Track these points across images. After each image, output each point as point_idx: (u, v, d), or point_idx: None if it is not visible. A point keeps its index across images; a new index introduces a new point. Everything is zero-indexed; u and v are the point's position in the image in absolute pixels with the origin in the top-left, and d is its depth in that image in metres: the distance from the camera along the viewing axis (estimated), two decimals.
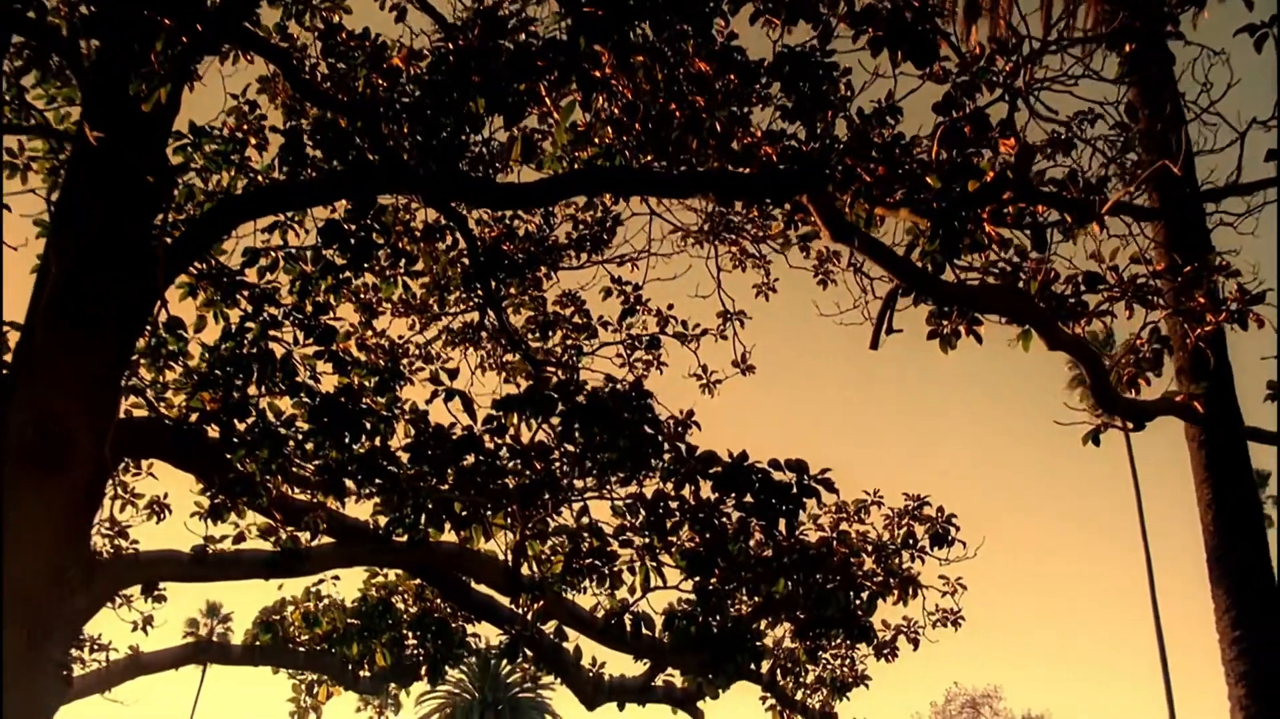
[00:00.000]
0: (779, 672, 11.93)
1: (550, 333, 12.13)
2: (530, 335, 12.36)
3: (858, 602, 9.89)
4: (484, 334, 12.70)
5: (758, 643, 9.47)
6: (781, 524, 8.00)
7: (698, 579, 8.73)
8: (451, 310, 12.72)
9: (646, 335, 12.23)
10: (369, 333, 12.01)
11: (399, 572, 11.26)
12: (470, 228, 12.00)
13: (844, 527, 11.01)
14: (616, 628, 8.97)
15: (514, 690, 75.64)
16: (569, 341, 12.34)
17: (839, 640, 11.94)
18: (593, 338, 12.34)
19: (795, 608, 9.60)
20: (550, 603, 9.03)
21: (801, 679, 12.31)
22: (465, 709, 74.18)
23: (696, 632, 9.04)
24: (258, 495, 9.60)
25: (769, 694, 12.25)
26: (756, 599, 9.45)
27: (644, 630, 9.01)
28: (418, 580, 11.28)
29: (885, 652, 12.06)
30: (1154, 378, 7.83)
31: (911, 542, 10.81)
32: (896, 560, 10.38)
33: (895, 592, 10.33)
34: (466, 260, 12.12)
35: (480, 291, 12.14)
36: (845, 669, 12.24)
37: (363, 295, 12.13)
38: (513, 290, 12.75)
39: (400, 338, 12.51)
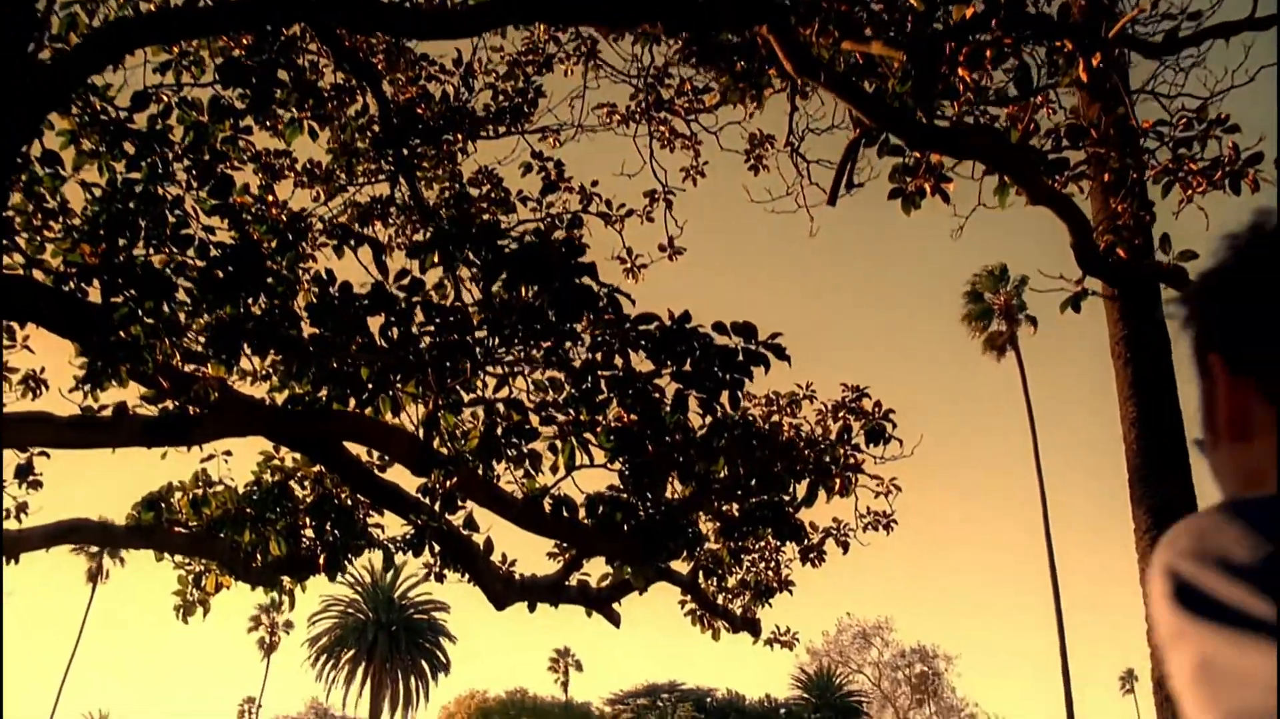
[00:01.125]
0: (701, 573, 11.26)
1: (465, 206, 11.25)
2: (444, 210, 11.49)
3: (800, 488, 9.23)
4: (394, 208, 11.82)
5: (691, 529, 8.75)
6: (724, 397, 7.27)
7: (626, 460, 7.99)
8: (359, 182, 11.83)
9: (568, 214, 11.40)
10: (270, 198, 11.08)
11: (297, 456, 10.41)
12: (383, 89, 11.11)
13: (776, 419, 10.35)
14: (535, 510, 8.24)
15: (408, 611, 75.02)
16: (485, 217, 11.48)
17: (765, 542, 11.32)
18: (510, 213, 11.49)
19: (735, 492, 8.88)
20: (464, 479, 8.22)
21: (724, 583, 11.66)
22: (358, 629, 73.46)
23: (623, 517, 8.32)
24: (142, 361, 8.70)
25: (689, 597, 11.59)
26: (691, 484, 8.72)
27: (564, 514, 8.27)
28: (318, 468, 10.44)
29: (812, 555, 11.45)
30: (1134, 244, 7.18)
31: (846, 436, 10.16)
32: (830, 457, 9.72)
33: (837, 480, 9.67)
34: (377, 127, 11.27)
35: (391, 158, 11.28)
36: (770, 573, 11.61)
37: (264, 158, 11.21)
38: (426, 164, 11.91)
39: (303, 210, 11.60)
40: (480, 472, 8.25)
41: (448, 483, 8.03)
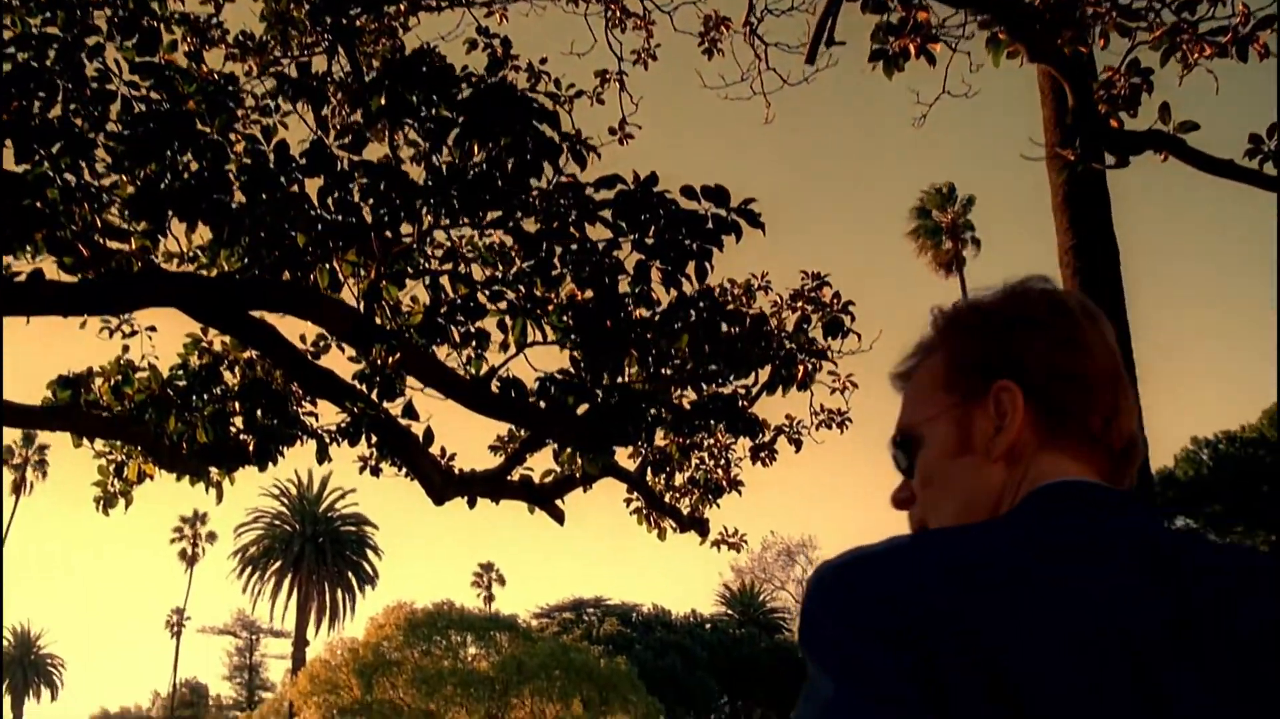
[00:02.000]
0: (649, 470, 10.82)
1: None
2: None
3: (762, 374, 8.78)
4: (331, 84, 11.16)
5: (651, 414, 8.26)
6: (691, 268, 6.78)
7: (581, 339, 7.50)
8: (295, 54, 11.15)
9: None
10: (202, 68, 10.39)
11: (226, 340, 9.82)
12: None
13: (731, 309, 9.89)
14: (483, 392, 7.74)
15: (335, 524, 74.54)
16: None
17: (715, 438, 10.90)
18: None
19: (699, 373, 8.39)
20: (408, 356, 7.70)
21: (671, 481, 11.24)
22: (285, 541, 72.94)
23: (575, 401, 7.84)
24: (59, 227, 8.09)
25: (635, 495, 11.17)
26: (650, 366, 8.23)
27: (512, 394, 7.78)
28: (249, 352, 9.87)
29: (763, 454, 11.05)
30: (1128, 118, 6.74)
31: (805, 327, 9.72)
32: (795, 342, 9.26)
33: (800, 369, 9.23)
34: None
35: (330, 27, 10.61)
36: (720, 472, 11.20)
37: (194, 21, 10.52)
38: (366, 37, 11.25)
39: (235, 76, 10.91)
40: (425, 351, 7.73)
41: (390, 359, 7.50)
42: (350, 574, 73.96)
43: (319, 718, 50.42)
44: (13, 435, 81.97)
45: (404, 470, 10.63)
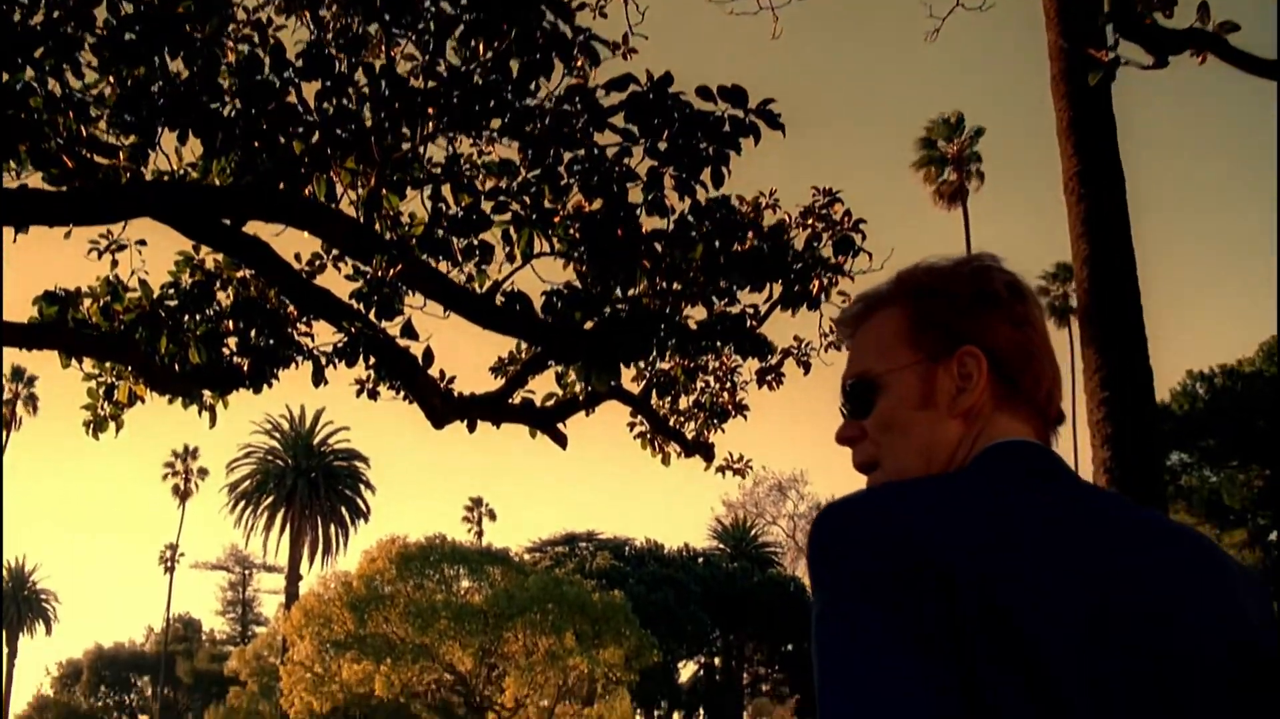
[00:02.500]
0: (654, 392, 10.56)
1: None
2: None
3: (778, 288, 8.48)
4: None
5: (665, 327, 7.95)
6: (706, 174, 6.48)
7: (589, 251, 7.21)
8: None
9: None
10: None
11: (219, 258, 9.52)
12: None
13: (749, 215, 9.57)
14: (487, 305, 7.46)
15: (328, 459, 74.39)
16: None
17: (721, 360, 10.64)
18: None
19: (715, 284, 8.08)
20: (410, 267, 7.40)
21: (676, 405, 10.99)
22: (277, 476, 72.80)
23: (583, 315, 7.56)
24: (43, 138, 7.77)
25: (639, 418, 10.91)
26: (660, 279, 7.92)
27: (517, 307, 7.49)
28: (243, 272, 9.56)
29: (770, 377, 10.80)
30: (1163, 19, 6.43)
31: (815, 244, 9.42)
32: (811, 255, 8.94)
33: (816, 283, 8.93)
34: None
35: None
36: (725, 395, 10.94)
37: None
38: None
39: None
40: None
41: (390, 271, 7.20)
42: (343, 509, 73.85)
43: (312, 651, 50.49)
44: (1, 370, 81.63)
45: (402, 394, 10.36)
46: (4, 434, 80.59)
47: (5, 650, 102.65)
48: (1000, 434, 1.62)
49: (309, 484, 72.15)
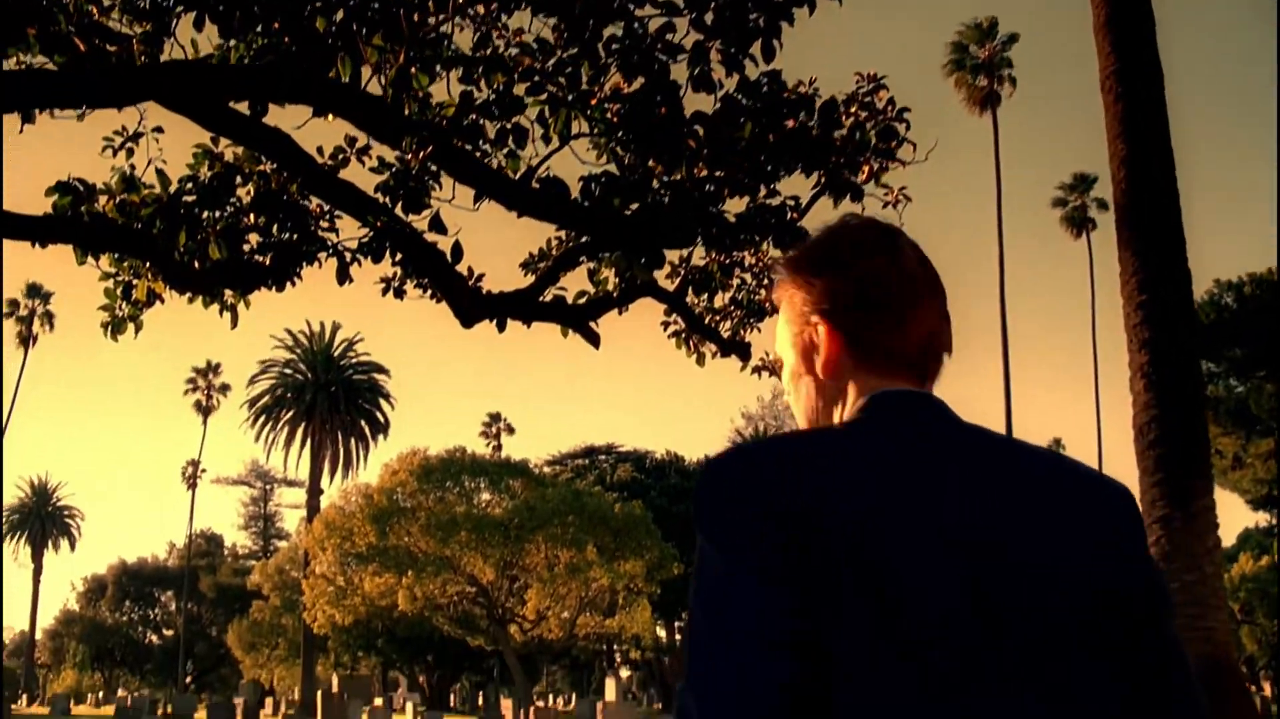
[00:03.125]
0: (690, 289, 10.20)
1: None
2: None
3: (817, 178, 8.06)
4: None
5: (712, 208, 7.56)
6: (756, 47, 6.08)
7: (632, 130, 6.81)
8: None
9: None
10: None
11: (239, 151, 9.15)
12: None
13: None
14: (523, 189, 7.09)
15: (347, 372, 74.28)
16: None
17: (759, 255, 10.27)
18: None
19: (764, 165, 7.68)
20: (439, 149, 7.02)
21: (711, 303, 10.63)
22: (297, 390, 72.73)
23: (622, 202, 7.18)
24: (52, 21, 7.40)
25: (674, 317, 10.56)
26: (698, 168, 7.53)
27: (555, 192, 7.11)
28: (265, 165, 9.19)
29: None
30: None
31: (859, 135, 9.00)
32: (861, 137, 8.51)
33: (865, 169, 8.53)
34: None
35: None
36: (762, 292, 10.58)
37: None
38: None
39: None
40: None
41: (421, 154, 6.83)
42: (363, 423, 73.74)
43: (334, 564, 50.66)
44: (17, 287, 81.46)
45: (429, 293, 10.04)
46: (23, 352, 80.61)
47: (31, 566, 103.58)
48: (866, 388, 1.75)
49: (329, 398, 72.04)
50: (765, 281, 10.61)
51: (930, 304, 1.80)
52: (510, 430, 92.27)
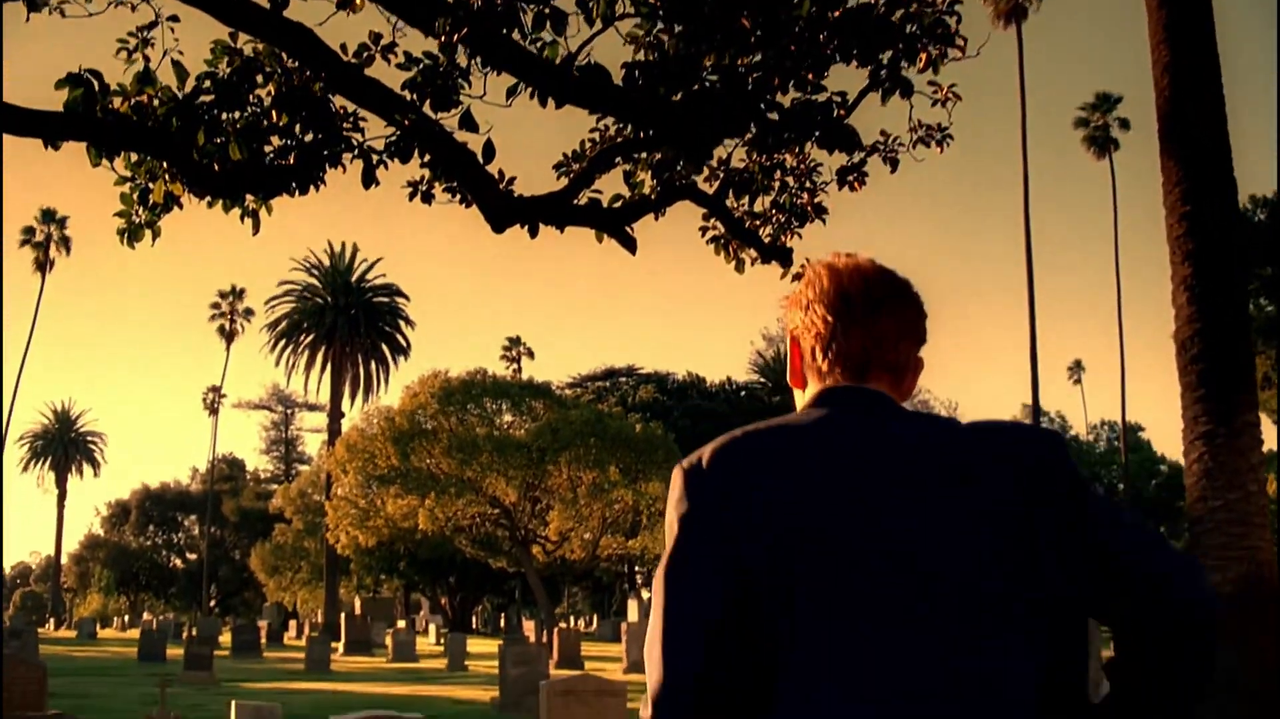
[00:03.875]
0: (730, 192, 9.77)
1: None
2: None
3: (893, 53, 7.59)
4: None
5: (762, 101, 7.12)
6: None
7: (679, 10, 6.37)
8: None
9: None
10: None
11: (259, 46, 8.71)
12: None
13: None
14: (563, 76, 6.66)
15: (367, 295, 74.00)
16: None
17: (801, 158, 9.84)
18: None
19: (822, 48, 7.21)
20: (474, 30, 6.59)
21: (751, 207, 10.21)
22: (316, 313, 72.51)
23: (668, 89, 6.75)
24: None
25: (712, 221, 10.13)
26: (741, 60, 7.06)
27: (596, 80, 6.68)
28: (288, 62, 8.75)
29: (851, 177, 9.99)
30: None
31: (914, 26, 8.51)
32: (918, 24, 8.02)
33: (923, 56, 8.07)
34: None
35: None
36: (805, 195, 10.15)
37: None
38: None
39: None
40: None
41: (455, 36, 6.40)
42: (383, 345, 73.56)
43: (357, 486, 50.58)
44: (31, 212, 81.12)
45: (459, 197, 9.63)
46: (40, 277, 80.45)
47: (55, 492, 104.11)
48: (816, 389, 2.20)
49: (348, 321, 71.81)
50: (808, 184, 10.18)
51: (867, 326, 2.20)
52: (530, 354, 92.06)
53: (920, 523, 1.96)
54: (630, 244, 9.62)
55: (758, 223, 10.28)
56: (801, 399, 2.25)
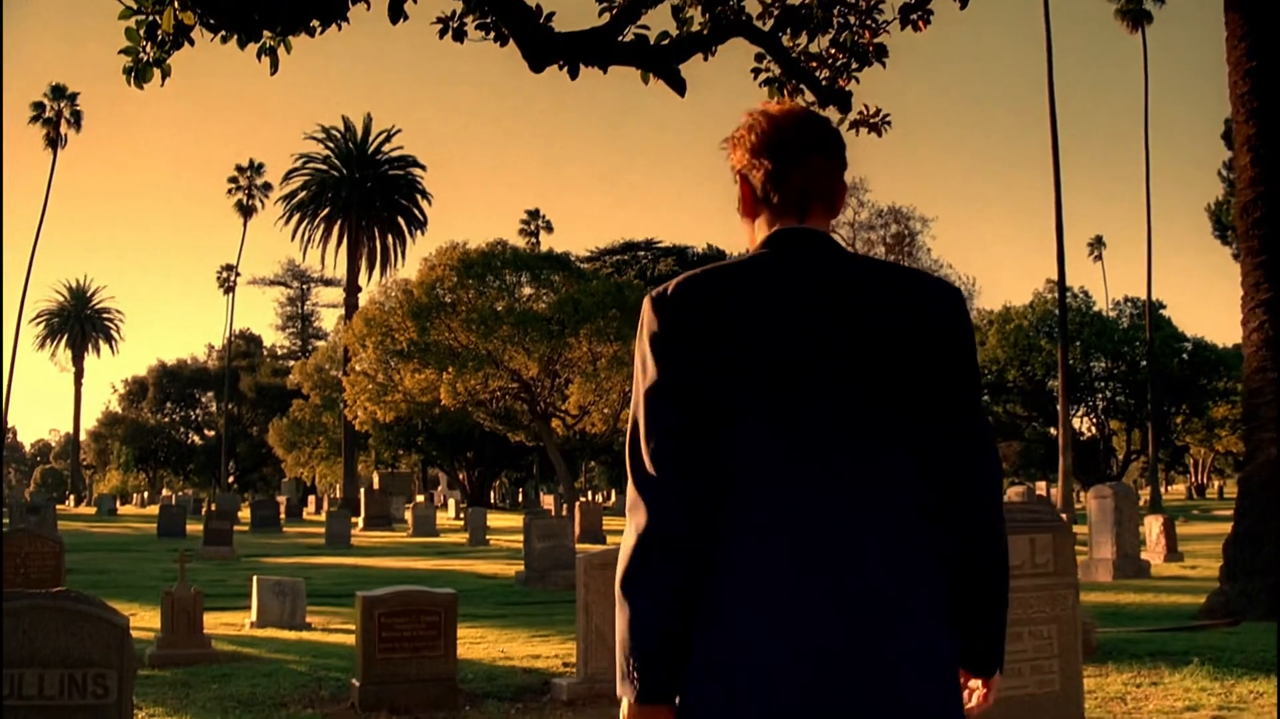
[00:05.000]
0: (786, 30, 9.01)
1: None
2: None
3: None
4: None
5: None
6: None
7: None
8: None
9: None
10: None
11: None
12: None
13: None
14: None
15: (383, 167, 73.03)
16: None
17: None
18: None
19: None
20: None
21: (808, 47, 9.45)
22: (333, 186, 71.59)
23: None
24: None
25: (767, 61, 9.38)
26: None
27: None
28: None
29: (916, 15, 9.23)
30: None
31: None
32: None
33: None
34: None
35: None
36: (866, 34, 9.38)
37: None
38: None
39: None
40: None
41: None
42: (400, 219, 72.69)
43: (375, 360, 50.09)
44: (40, 88, 79.98)
45: (492, 34, 8.90)
46: (51, 154, 79.58)
47: (72, 369, 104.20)
48: (764, 228, 2.60)
49: (364, 194, 70.94)
50: (869, 22, 9.41)
51: (807, 166, 2.59)
52: (549, 228, 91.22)
53: (846, 348, 2.41)
54: (679, 84, 8.88)
55: (814, 64, 9.53)
56: (752, 233, 2.64)
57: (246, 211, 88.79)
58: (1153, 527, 26.03)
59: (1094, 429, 73.19)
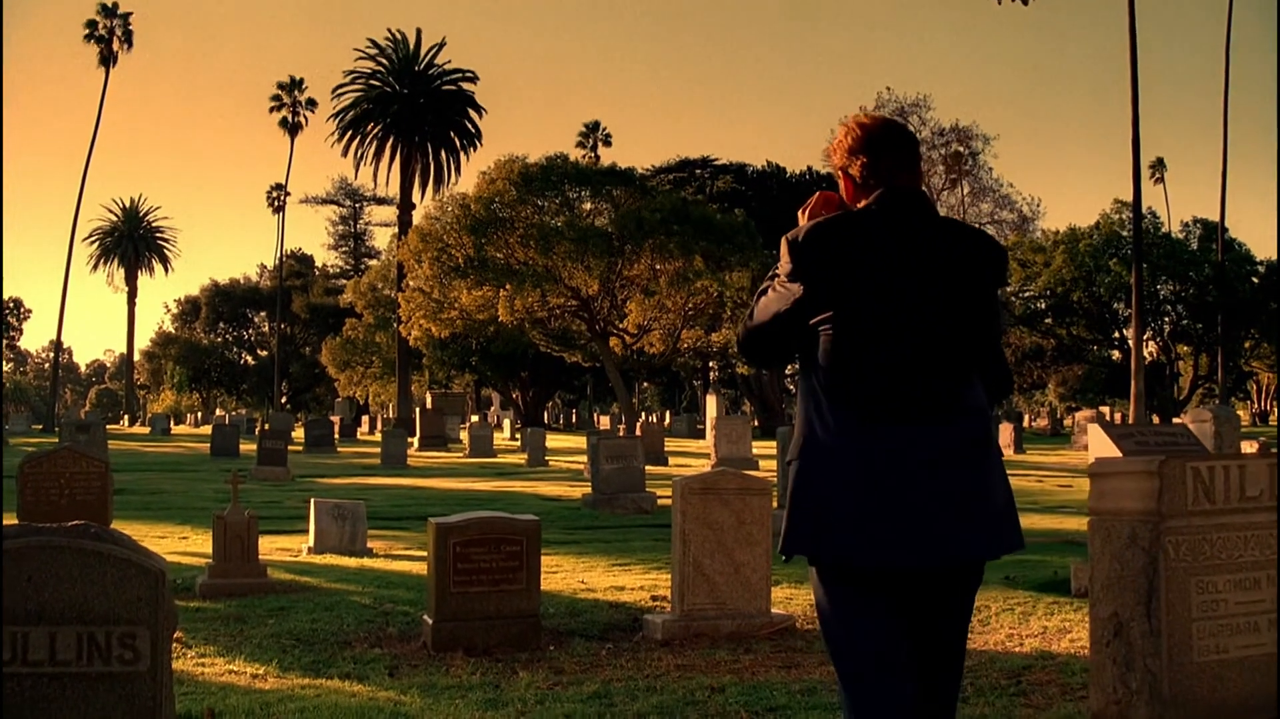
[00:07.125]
0: None
1: None
2: None
3: None
4: None
5: None
6: None
7: None
8: None
9: None
10: None
11: None
12: None
13: None
14: None
15: (435, 83, 71.56)
16: None
17: None
18: None
19: None
20: None
21: None
22: (384, 101, 70.16)
23: None
24: None
25: None
26: None
27: None
28: None
29: None
30: None
31: None
32: None
33: None
34: None
35: None
36: None
37: None
38: None
39: None
40: None
41: None
42: (453, 134, 71.12)
43: (430, 276, 48.88)
44: (91, 7, 78.96)
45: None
46: (104, 72, 78.71)
47: (125, 289, 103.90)
48: (879, 192, 3.65)
49: (416, 110, 69.51)
50: None
51: (900, 160, 3.72)
52: (607, 141, 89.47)
53: (935, 290, 3.60)
54: None
55: None
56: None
57: (292, 130, 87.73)
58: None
59: (1159, 353, 71.18)
